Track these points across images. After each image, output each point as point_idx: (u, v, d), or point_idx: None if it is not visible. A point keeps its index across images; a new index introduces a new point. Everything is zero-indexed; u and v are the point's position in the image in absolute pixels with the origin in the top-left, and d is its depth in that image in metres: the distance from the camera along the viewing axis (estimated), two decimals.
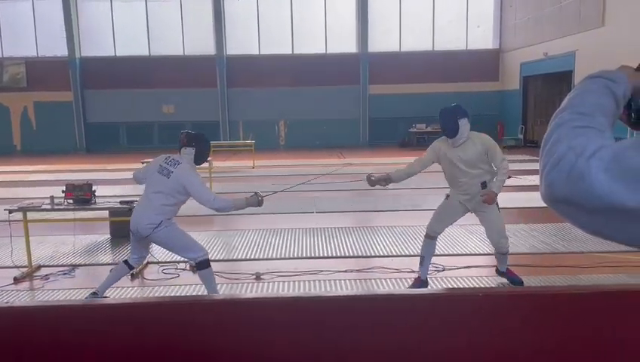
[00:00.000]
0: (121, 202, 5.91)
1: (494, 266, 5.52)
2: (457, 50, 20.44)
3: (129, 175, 5.42)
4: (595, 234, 0.77)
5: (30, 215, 5.72)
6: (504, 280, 4.90)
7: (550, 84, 17.80)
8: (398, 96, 20.33)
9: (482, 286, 4.83)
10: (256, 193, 4.14)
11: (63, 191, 5.60)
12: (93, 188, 5.68)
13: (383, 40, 20.42)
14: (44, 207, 5.62)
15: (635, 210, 0.70)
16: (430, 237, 4.70)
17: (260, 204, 4.12)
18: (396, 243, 6.22)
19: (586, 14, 14.47)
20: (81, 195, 5.54)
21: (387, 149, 18.77)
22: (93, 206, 5.64)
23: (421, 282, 4.71)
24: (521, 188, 9.86)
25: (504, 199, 8.18)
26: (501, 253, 4.68)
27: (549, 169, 0.77)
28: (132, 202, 6.07)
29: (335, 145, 19.57)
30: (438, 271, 5.25)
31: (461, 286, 4.82)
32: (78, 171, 13.62)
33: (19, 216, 5.51)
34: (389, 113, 20.44)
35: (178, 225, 4.25)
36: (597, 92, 0.86)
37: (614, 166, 0.72)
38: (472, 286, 4.84)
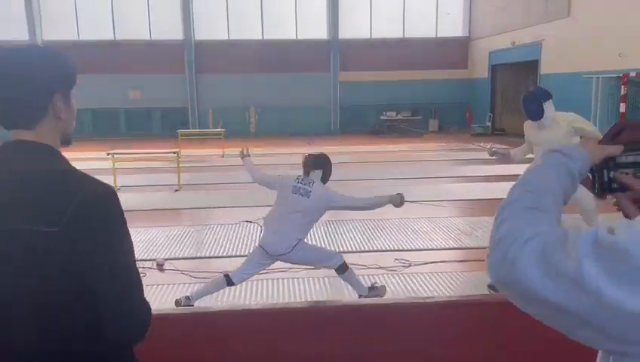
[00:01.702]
0: None
1: (461, 261, 5.61)
2: (427, 38, 20.53)
3: (94, 164, 5.31)
4: (535, 317, 0.78)
5: None
6: (465, 281, 4.98)
7: (517, 73, 18.08)
8: (369, 83, 20.34)
9: (448, 281, 4.91)
10: (399, 194, 4.19)
11: None
12: None
13: (354, 27, 20.35)
14: None
15: (558, 305, 0.69)
16: None
17: (401, 203, 4.18)
18: (365, 238, 6.26)
19: (552, 4, 14.69)
20: None
21: (358, 137, 18.81)
22: None
23: None
24: (486, 178, 9.97)
25: (464, 192, 8.29)
26: None
27: (491, 251, 0.78)
28: None
29: (306, 132, 19.49)
30: (405, 266, 5.32)
31: (427, 283, 4.89)
32: None
33: None
34: (359, 100, 20.46)
35: (308, 241, 4.35)
36: (552, 168, 0.88)
37: (542, 259, 0.71)
38: (437, 282, 4.91)
